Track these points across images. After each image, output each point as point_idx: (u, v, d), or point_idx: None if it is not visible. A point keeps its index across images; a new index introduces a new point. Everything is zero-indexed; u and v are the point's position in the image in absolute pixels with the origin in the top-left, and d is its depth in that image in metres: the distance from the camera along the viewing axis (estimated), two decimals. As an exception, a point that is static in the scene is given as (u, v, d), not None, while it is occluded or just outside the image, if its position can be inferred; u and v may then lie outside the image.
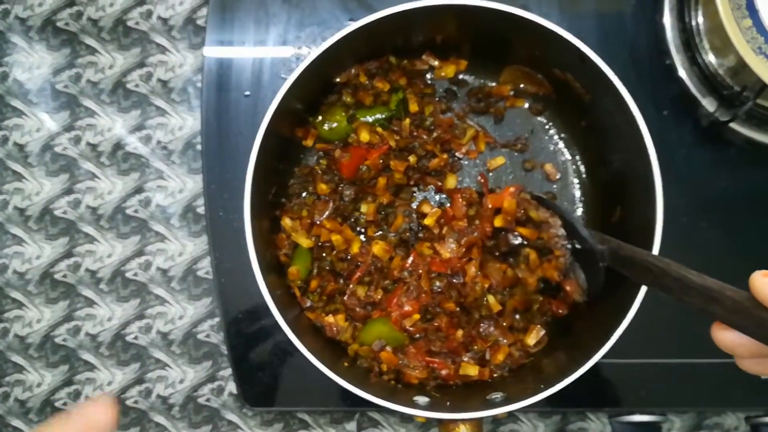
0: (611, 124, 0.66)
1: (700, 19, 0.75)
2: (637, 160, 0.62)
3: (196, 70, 0.83)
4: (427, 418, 0.78)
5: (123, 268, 0.82)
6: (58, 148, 0.83)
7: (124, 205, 0.83)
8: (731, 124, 0.75)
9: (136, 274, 0.82)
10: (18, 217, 0.83)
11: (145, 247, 0.82)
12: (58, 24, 0.84)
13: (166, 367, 0.82)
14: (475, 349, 0.70)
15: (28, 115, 0.84)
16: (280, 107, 0.63)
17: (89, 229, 0.83)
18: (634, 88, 0.62)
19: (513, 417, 0.81)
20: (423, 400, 0.65)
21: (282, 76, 0.79)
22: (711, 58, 0.74)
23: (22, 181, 0.83)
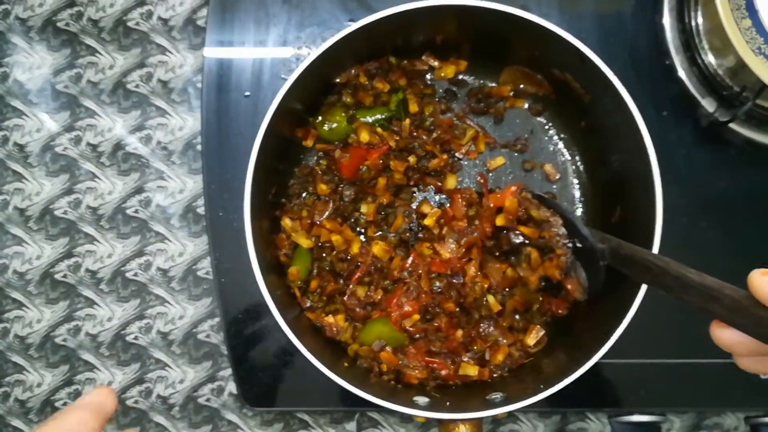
0: (611, 124, 0.66)
1: (699, 19, 0.75)
2: (637, 160, 0.62)
3: (197, 71, 0.83)
4: (426, 418, 0.78)
5: (123, 269, 0.82)
6: (59, 148, 0.83)
7: (124, 205, 0.83)
8: (731, 125, 0.75)
9: (136, 275, 0.82)
10: (18, 218, 0.83)
11: (145, 248, 0.82)
12: (59, 24, 0.84)
13: (167, 368, 0.82)
14: (475, 349, 0.70)
15: (28, 116, 0.84)
16: (280, 107, 0.63)
17: (89, 230, 0.83)
18: (634, 89, 0.62)
19: (513, 417, 0.81)
20: (423, 400, 0.65)
21: (282, 76, 0.79)
22: (710, 59, 0.74)
23: (22, 182, 0.83)
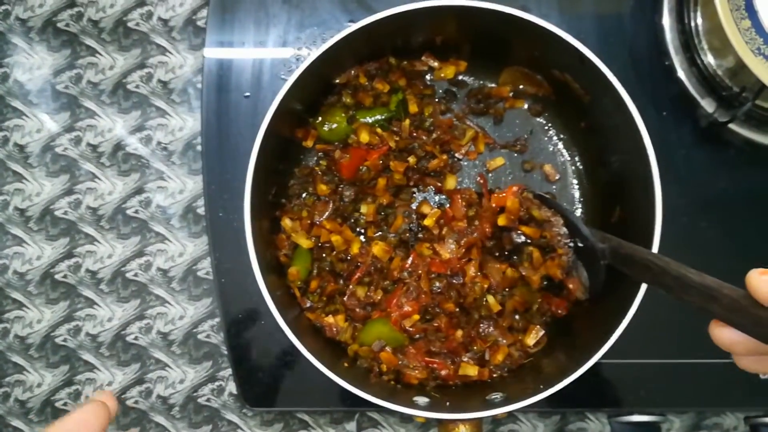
0: (611, 124, 0.66)
1: (699, 20, 0.75)
2: (637, 160, 0.62)
3: (197, 71, 0.83)
4: (426, 419, 0.78)
5: (123, 269, 0.82)
6: (59, 148, 0.83)
7: (124, 205, 0.83)
8: (730, 125, 0.75)
9: (136, 275, 0.82)
10: (18, 218, 0.83)
11: (145, 248, 0.82)
12: (59, 25, 0.84)
13: (167, 368, 0.82)
14: (475, 349, 0.70)
15: (28, 116, 0.84)
16: (280, 108, 0.63)
17: (90, 230, 0.83)
18: (634, 89, 0.62)
19: (512, 417, 0.81)
20: (423, 400, 0.65)
21: (282, 77, 0.79)
22: (710, 59, 0.74)
23: (22, 182, 0.83)
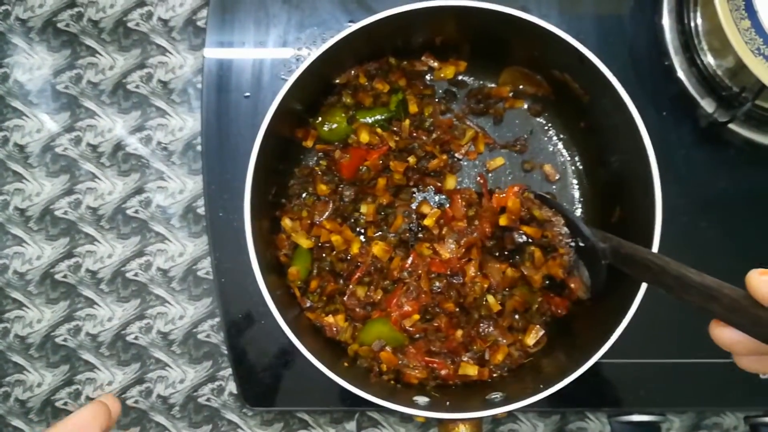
0: (610, 124, 0.67)
1: (698, 20, 0.75)
2: (636, 160, 0.62)
3: (197, 72, 0.83)
4: (426, 418, 0.78)
5: (123, 269, 0.83)
6: (59, 148, 0.83)
7: (124, 205, 0.83)
8: (730, 125, 0.75)
9: (136, 275, 0.82)
10: (18, 218, 0.83)
11: (145, 248, 0.83)
12: (59, 25, 0.84)
13: (167, 367, 0.82)
14: (475, 349, 0.70)
15: (28, 116, 0.84)
16: (280, 108, 0.63)
17: (90, 230, 0.83)
18: (633, 89, 0.62)
19: (512, 417, 0.81)
20: (423, 400, 0.65)
21: (282, 77, 0.79)
22: (710, 59, 0.74)
23: (22, 182, 0.83)
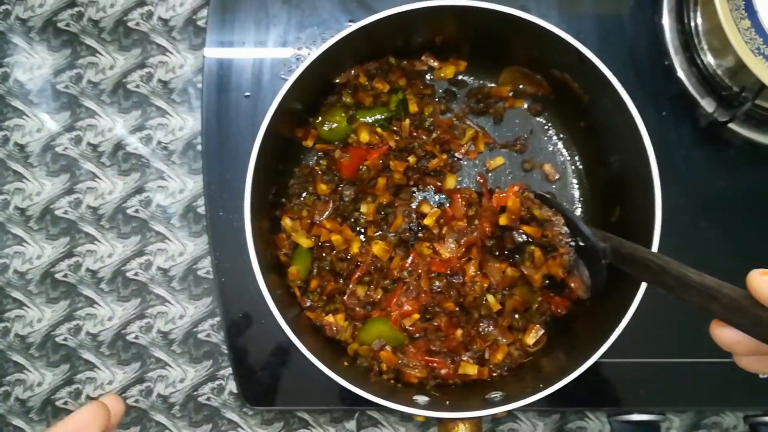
0: (610, 124, 0.67)
1: (698, 20, 0.75)
2: (636, 160, 0.62)
3: (197, 71, 0.83)
4: (426, 418, 0.78)
5: (124, 268, 0.83)
6: (59, 148, 0.83)
7: (124, 205, 0.83)
8: (730, 125, 0.75)
9: (136, 274, 0.82)
10: (19, 217, 0.83)
11: (145, 247, 0.83)
12: (59, 25, 0.84)
13: (167, 367, 0.82)
14: (475, 348, 0.70)
15: (28, 116, 0.84)
16: (280, 108, 0.63)
17: (90, 229, 0.83)
18: (633, 89, 0.62)
19: (512, 416, 0.81)
20: (422, 399, 0.65)
21: (282, 76, 0.79)
22: (710, 59, 0.75)
23: (23, 182, 0.83)
